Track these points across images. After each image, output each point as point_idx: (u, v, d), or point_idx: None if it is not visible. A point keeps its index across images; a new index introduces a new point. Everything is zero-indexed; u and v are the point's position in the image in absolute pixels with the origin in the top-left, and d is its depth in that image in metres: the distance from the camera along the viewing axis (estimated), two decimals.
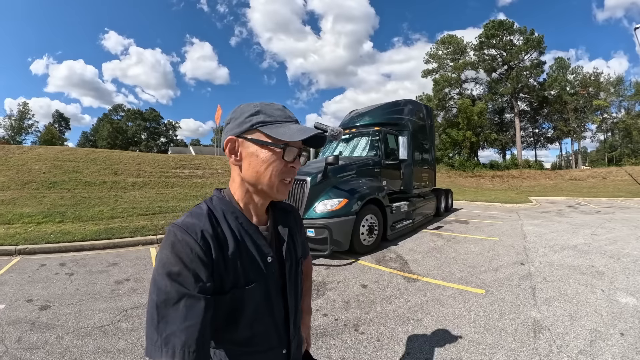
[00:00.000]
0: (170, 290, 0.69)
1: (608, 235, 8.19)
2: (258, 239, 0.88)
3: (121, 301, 4.22)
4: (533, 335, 3.18)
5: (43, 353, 2.93)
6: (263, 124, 0.82)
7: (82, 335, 3.29)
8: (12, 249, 6.61)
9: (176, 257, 0.72)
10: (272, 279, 0.88)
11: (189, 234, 0.75)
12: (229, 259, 0.79)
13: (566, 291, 4.33)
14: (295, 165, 0.86)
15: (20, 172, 12.64)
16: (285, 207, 1.07)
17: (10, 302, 4.15)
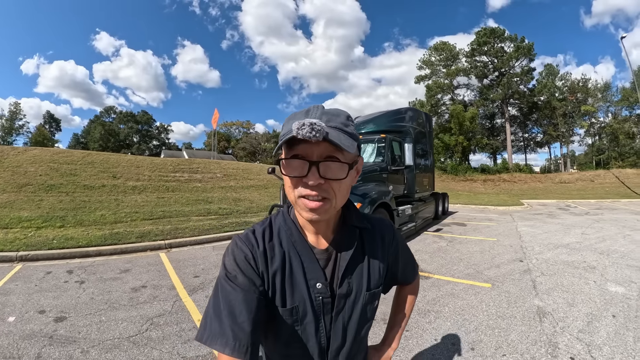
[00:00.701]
0: (229, 290, 0.75)
1: (597, 234, 8.62)
2: (307, 260, 0.83)
3: (144, 309, 3.98)
4: (539, 319, 3.55)
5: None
6: (280, 139, 0.75)
7: (109, 347, 3.06)
8: (14, 255, 6.34)
9: (234, 263, 0.79)
10: (319, 306, 0.83)
11: (245, 244, 0.82)
12: (272, 275, 0.80)
13: (563, 283, 4.75)
14: (309, 179, 0.72)
15: (15, 174, 12.31)
16: (361, 226, 0.92)
17: (20, 313, 3.82)
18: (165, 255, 6.79)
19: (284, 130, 0.75)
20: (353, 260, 0.87)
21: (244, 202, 13.12)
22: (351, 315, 0.86)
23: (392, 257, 0.99)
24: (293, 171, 0.73)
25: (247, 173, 18.82)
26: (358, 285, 0.87)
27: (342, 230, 0.88)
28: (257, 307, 0.75)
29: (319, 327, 0.83)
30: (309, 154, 0.72)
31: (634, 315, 3.64)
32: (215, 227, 8.97)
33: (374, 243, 0.94)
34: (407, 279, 1.10)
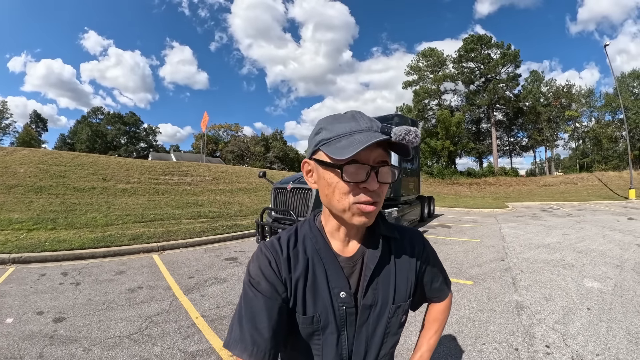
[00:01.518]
0: (252, 296, 0.76)
1: (578, 234, 8.98)
2: (331, 268, 0.81)
3: (141, 309, 4.08)
4: (517, 312, 3.81)
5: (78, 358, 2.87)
6: (324, 142, 0.74)
7: (111, 345, 3.15)
8: (6, 257, 6.34)
9: (258, 269, 0.79)
10: (341, 316, 0.81)
11: (269, 251, 0.82)
12: (295, 282, 0.80)
13: (541, 280, 5.05)
14: (369, 185, 0.72)
15: (4, 175, 12.23)
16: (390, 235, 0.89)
17: (18, 315, 3.86)
18: (158, 257, 6.88)
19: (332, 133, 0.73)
20: (379, 269, 0.84)
21: (233, 206, 13.22)
22: (375, 328, 0.84)
23: (422, 270, 0.95)
24: (353, 177, 0.71)
25: (236, 176, 18.93)
26: (384, 297, 0.84)
27: (369, 239, 0.86)
28: (278, 314, 0.75)
29: (341, 339, 0.81)
30: (365, 159, 0.71)
31: (608, 307, 3.92)
32: (206, 229, 9.06)
33: (402, 253, 0.90)
34: (437, 297, 1.03)
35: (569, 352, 2.88)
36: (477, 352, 2.94)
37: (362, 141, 0.67)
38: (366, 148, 0.67)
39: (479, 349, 2.99)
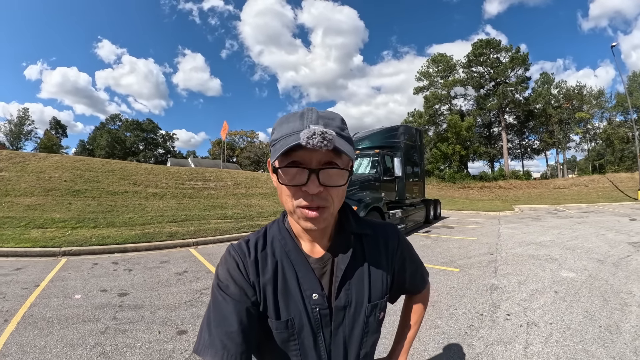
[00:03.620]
0: (221, 300, 0.74)
1: (573, 234, 9.53)
2: (301, 270, 0.79)
3: (191, 285, 5.02)
4: (490, 291, 4.66)
5: (144, 324, 3.61)
6: (273, 143, 0.72)
7: (173, 308, 4.06)
8: (57, 250, 7.40)
9: (226, 272, 0.78)
10: (316, 319, 0.78)
11: (237, 253, 0.80)
12: (263, 286, 0.78)
13: (521, 270, 5.78)
14: (309, 188, 0.68)
15: (40, 180, 13.34)
16: (361, 232, 0.88)
17: (84, 292, 4.63)
18: (195, 250, 7.97)
19: (279, 134, 0.70)
20: (351, 268, 0.82)
21: (255, 208, 14.32)
22: (353, 328, 0.82)
23: (399, 265, 0.93)
24: (291, 179, 0.69)
25: (255, 181, 20.03)
26: (358, 296, 0.82)
27: (339, 238, 0.84)
28: (248, 318, 0.73)
29: (318, 342, 0.79)
30: (307, 161, 0.67)
31: (575, 292, 4.51)
32: (232, 228, 10.21)
33: (376, 250, 0.88)
34: (417, 288, 1.03)
35: (525, 320, 3.65)
36: (449, 315, 3.83)
37: (284, 145, 0.65)
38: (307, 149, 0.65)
39: (451, 313, 3.89)
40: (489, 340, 3.22)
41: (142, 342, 3.22)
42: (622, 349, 3.03)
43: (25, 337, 3.30)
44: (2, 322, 3.67)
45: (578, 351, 3.00)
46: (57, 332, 3.42)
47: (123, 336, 3.35)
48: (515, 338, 3.25)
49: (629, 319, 3.65)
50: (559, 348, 3.06)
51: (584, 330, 3.39)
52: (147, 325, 3.64)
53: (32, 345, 3.12)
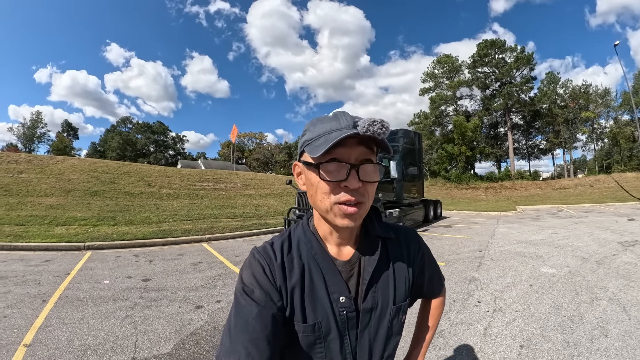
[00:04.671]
0: (245, 305, 0.73)
1: (566, 233, 9.72)
2: (329, 273, 0.79)
3: (205, 273, 5.81)
4: (468, 282, 5.14)
5: (167, 301, 4.34)
6: (307, 143, 0.73)
7: (190, 290, 4.86)
8: (81, 245, 8.17)
9: (252, 276, 0.76)
10: (343, 322, 0.78)
11: (263, 257, 0.79)
12: (291, 290, 0.77)
13: (504, 265, 6.14)
14: (349, 183, 0.69)
15: (60, 181, 14.23)
16: (385, 235, 0.87)
17: (111, 278, 5.37)
18: (207, 245, 8.74)
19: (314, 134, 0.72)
20: (377, 272, 0.83)
21: (263, 208, 15.06)
22: (377, 330, 0.82)
23: (418, 269, 0.95)
24: (332, 175, 0.69)
25: (263, 183, 20.86)
26: (384, 299, 0.82)
27: (365, 241, 0.84)
28: (272, 324, 0.72)
29: (344, 344, 0.78)
30: (346, 158, 0.70)
31: (549, 285, 4.76)
32: (242, 226, 10.96)
33: (399, 253, 0.89)
34: (433, 292, 1.06)
35: (493, 307, 4.05)
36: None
37: (329, 140, 0.66)
38: (345, 146, 0.68)
39: None
40: (454, 321, 3.70)
41: (166, 314, 3.91)
42: (579, 336, 3.25)
43: (63, 312, 3.97)
44: (41, 302, 4.34)
45: (535, 335, 3.29)
46: (92, 308, 4.10)
47: (149, 310, 4.04)
48: (479, 321, 3.68)
49: (594, 312, 3.85)
50: (517, 331, 3.39)
51: (547, 319, 3.65)
52: (169, 302, 4.34)
53: (70, 318, 3.79)
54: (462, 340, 3.26)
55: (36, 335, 3.35)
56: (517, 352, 3.02)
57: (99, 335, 3.37)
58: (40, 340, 3.23)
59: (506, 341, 3.23)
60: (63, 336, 3.33)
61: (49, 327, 3.55)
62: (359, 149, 0.71)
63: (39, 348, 3.08)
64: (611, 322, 3.59)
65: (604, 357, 2.89)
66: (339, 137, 0.65)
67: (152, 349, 3.12)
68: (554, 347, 3.09)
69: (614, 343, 3.12)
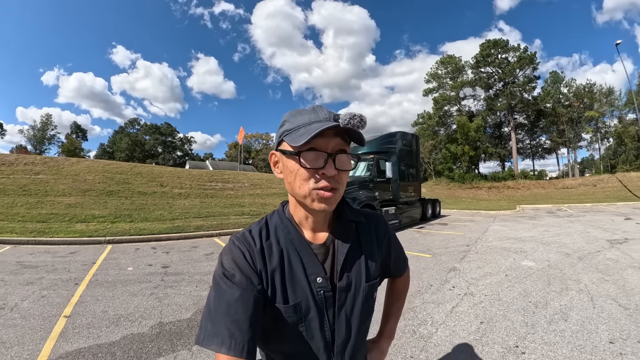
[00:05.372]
0: (225, 288, 0.75)
1: (558, 231, 9.86)
2: (306, 256, 0.84)
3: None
4: (448, 271, 5.65)
5: (185, 282, 5.07)
6: (286, 132, 0.79)
7: (204, 274, 5.63)
8: (102, 239, 8.98)
9: (232, 261, 0.79)
10: (321, 301, 0.83)
11: (242, 243, 0.83)
12: (271, 273, 0.81)
13: (487, 258, 6.49)
14: (326, 171, 0.76)
15: (76, 182, 15.04)
16: (356, 220, 0.95)
17: (134, 266, 6.17)
18: (218, 239, 9.52)
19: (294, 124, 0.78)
20: (350, 253, 0.89)
21: (269, 207, 15.80)
22: (353, 307, 0.88)
23: (385, 250, 1.02)
24: (311, 163, 0.75)
25: (270, 183, 21.58)
26: (357, 278, 0.88)
27: (338, 225, 0.91)
28: (254, 306, 0.75)
29: (324, 322, 0.83)
30: (324, 147, 0.76)
31: (524, 276, 5.05)
32: (250, 223, 11.47)
33: (368, 236, 0.96)
34: (399, 271, 1.13)
35: (465, 291, 4.44)
36: None
37: (312, 130, 0.72)
38: (324, 137, 0.74)
39: None
40: (427, 300, 4.24)
41: (185, 292, 4.62)
42: (539, 319, 3.50)
43: (95, 292, 4.67)
44: (73, 285, 5.05)
45: (497, 315, 3.59)
46: (120, 288, 4.81)
47: (171, 289, 4.75)
48: (449, 301, 4.17)
49: (561, 300, 4.08)
50: (481, 311, 3.73)
51: (512, 303, 3.95)
52: (187, 283, 5.07)
53: (102, 296, 4.49)
54: (430, 315, 3.79)
55: (74, 309, 4.03)
56: (476, 326, 3.42)
57: (129, 307, 4.06)
58: (78, 312, 3.91)
59: (469, 318, 3.64)
60: (98, 309, 4.03)
61: (84, 303, 4.24)
62: (335, 140, 0.77)
63: (78, 318, 3.76)
64: (575, 309, 3.81)
65: (558, 336, 3.16)
66: (322, 127, 0.71)
67: (175, 316, 3.80)
68: (512, 325, 3.41)
69: (571, 327, 3.35)
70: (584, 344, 3.04)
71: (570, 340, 3.12)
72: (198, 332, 0.73)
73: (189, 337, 3.30)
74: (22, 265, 6.31)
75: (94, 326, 3.53)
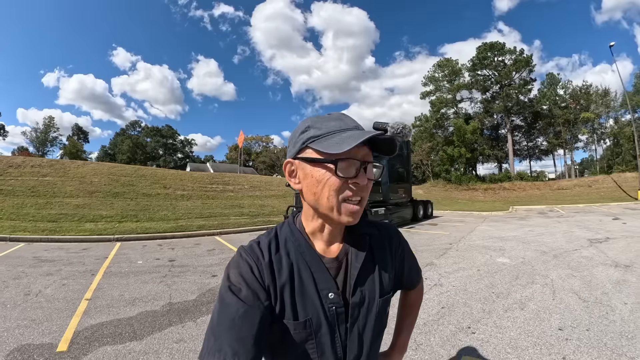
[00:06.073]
0: (230, 303, 0.72)
1: (542, 231, 10.06)
2: (317, 271, 0.80)
3: (219, 255, 7.37)
4: (424, 266, 6.03)
5: (190, 273, 5.77)
6: (313, 139, 0.74)
7: (207, 266, 6.26)
8: (111, 237, 9.63)
9: (239, 275, 0.76)
10: (332, 317, 0.79)
11: (250, 256, 0.79)
12: (280, 288, 0.78)
13: (465, 255, 6.78)
14: (360, 180, 0.72)
15: (83, 183, 15.61)
16: (369, 232, 0.90)
17: (144, 260, 6.85)
18: (219, 237, 10.18)
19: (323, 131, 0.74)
20: (364, 267, 0.84)
21: (267, 208, 16.54)
22: (366, 323, 0.84)
23: (399, 262, 0.98)
24: (345, 172, 0.71)
25: (268, 185, 22.27)
26: (370, 293, 0.84)
27: (351, 238, 0.86)
28: (259, 323, 0.72)
29: (335, 339, 0.80)
30: (355, 156, 0.72)
31: (495, 271, 5.34)
32: (249, 223, 12.48)
33: (382, 248, 0.92)
34: (412, 284, 1.09)
35: (435, 282, 4.79)
36: None
37: (356, 136, 0.68)
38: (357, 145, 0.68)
39: None
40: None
41: (190, 280, 5.30)
42: (497, 306, 3.72)
43: (111, 280, 5.32)
44: (90, 275, 5.68)
45: (458, 302, 3.82)
46: (133, 277, 5.47)
47: (178, 278, 5.44)
48: None
49: (524, 292, 4.30)
50: (445, 298, 4.00)
51: (477, 293, 4.17)
52: (191, 273, 5.78)
53: (118, 284, 5.14)
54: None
55: (93, 293, 4.66)
56: (437, 310, 3.74)
57: (142, 291, 4.71)
58: (98, 296, 4.54)
59: (432, 304, 3.96)
60: (115, 293, 4.66)
61: (102, 289, 4.87)
62: (364, 149, 0.74)
63: (98, 300, 4.38)
64: (534, 300, 4.02)
65: (510, 322, 3.43)
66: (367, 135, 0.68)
67: (182, 297, 4.46)
68: (470, 311, 3.66)
69: (526, 315, 3.59)
70: (533, 329, 3.31)
71: (521, 325, 3.39)
72: (202, 347, 0.71)
73: (194, 312, 3.95)
74: (39, 259, 6.91)
75: (112, 306, 4.16)
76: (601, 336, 3.18)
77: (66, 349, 3.06)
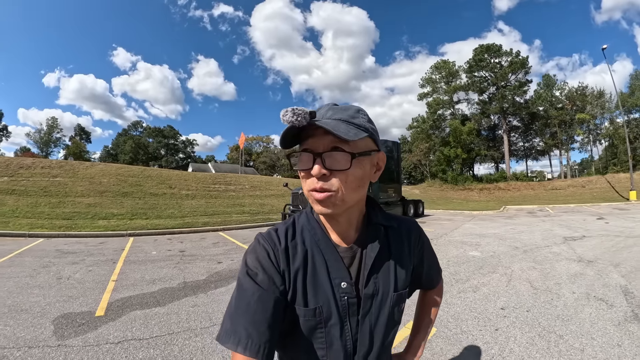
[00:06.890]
0: (247, 287, 0.74)
1: (524, 229, 10.42)
2: (331, 259, 0.80)
3: (223, 247, 8.31)
4: None
5: (199, 260, 6.66)
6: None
7: (213, 255, 7.26)
8: (124, 232, 10.51)
9: (256, 260, 0.78)
10: (344, 307, 0.78)
11: (267, 242, 0.81)
12: (294, 274, 0.78)
13: (440, 249, 7.13)
14: (313, 171, 0.70)
15: (92, 184, 16.40)
16: (388, 224, 0.88)
17: (157, 251, 7.73)
18: (223, 233, 11.09)
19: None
20: (379, 259, 0.83)
21: (267, 206, 17.50)
22: (378, 317, 0.82)
23: (418, 258, 0.95)
24: (301, 164, 0.73)
25: (268, 185, 23.26)
26: (385, 286, 0.83)
27: (367, 228, 0.85)
28: (274, 307, 0.73)
29: (344, 330, 0.79)
30: (315, 148, 0.71)
31: (462, 262, 5.80)
32: (249, 220, 13.45)
33: (400, 242, 0.89)
34: (432, 283, 1.06)
35: None
36: None
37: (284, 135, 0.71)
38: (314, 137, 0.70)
39: None
40: None
41: (199, 265, 6.24)
42: (453, 290, 4.27)
43: (131, 267, 6.20)
44: (112, 263, 6.54)
45: None
46: (149, 264, 6.37)
47: (188, 264, 6.36)
48: None
49: (482, 279, 4.66)
50: None
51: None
52: (200, 260, 6.70)
53: (137, 269, 6.02)
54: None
55: (118, 276, 5.53)
56: None
57: (160, 274, 5.64)
58: (122, 278, 5.43)
59: None
60: (137, 276, 5.56)
61: (125, 273, 5.76)
62: (327, 138, 0.70)
63: (123, 281, 5.26)
64: (488, 285, 4.36)
65: (459, 300, 3.82)
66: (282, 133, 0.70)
67: (194, 278, 5.39)
68: None
69: (476, 296, 3.94)
70: (477, 307, 3.66)
71: (468, 304, 3.75)
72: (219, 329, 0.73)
73: (205, 288, 4.87)
74: (61, 252, 7.70)
75: (136, 285, 5.05)
76: (538, 317, 3.48)
77: (103, 314, 3.87)
